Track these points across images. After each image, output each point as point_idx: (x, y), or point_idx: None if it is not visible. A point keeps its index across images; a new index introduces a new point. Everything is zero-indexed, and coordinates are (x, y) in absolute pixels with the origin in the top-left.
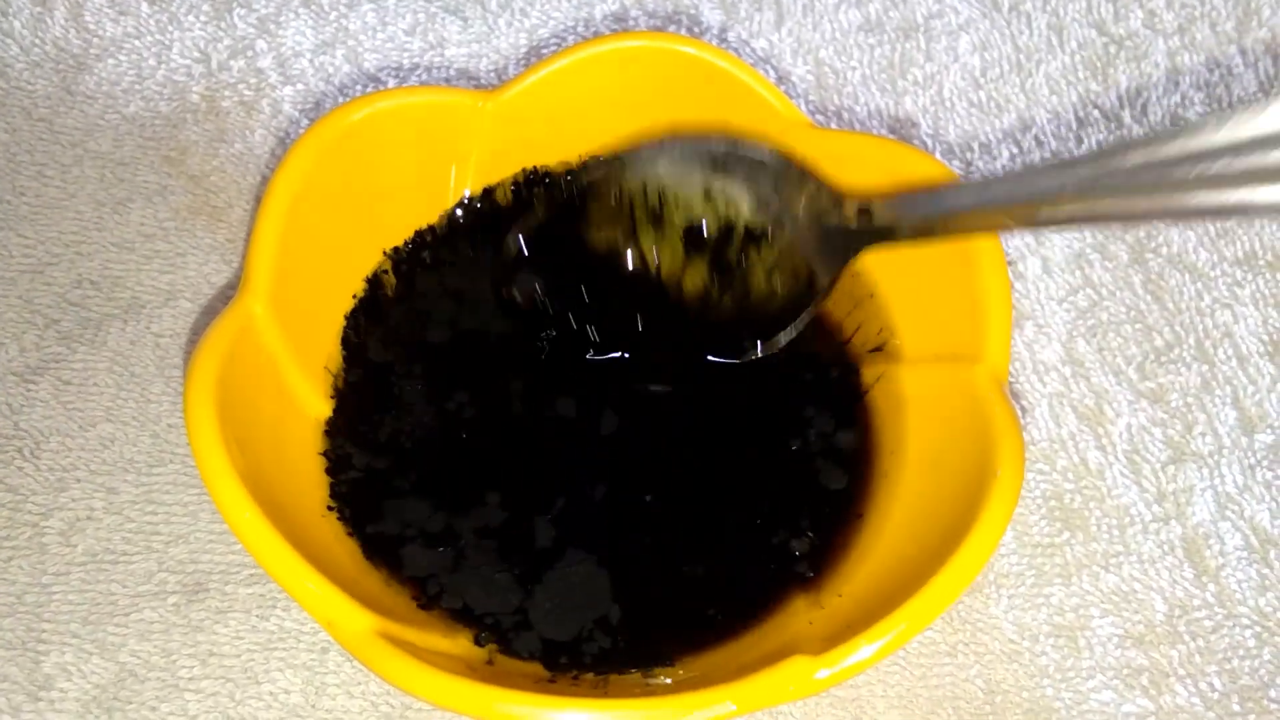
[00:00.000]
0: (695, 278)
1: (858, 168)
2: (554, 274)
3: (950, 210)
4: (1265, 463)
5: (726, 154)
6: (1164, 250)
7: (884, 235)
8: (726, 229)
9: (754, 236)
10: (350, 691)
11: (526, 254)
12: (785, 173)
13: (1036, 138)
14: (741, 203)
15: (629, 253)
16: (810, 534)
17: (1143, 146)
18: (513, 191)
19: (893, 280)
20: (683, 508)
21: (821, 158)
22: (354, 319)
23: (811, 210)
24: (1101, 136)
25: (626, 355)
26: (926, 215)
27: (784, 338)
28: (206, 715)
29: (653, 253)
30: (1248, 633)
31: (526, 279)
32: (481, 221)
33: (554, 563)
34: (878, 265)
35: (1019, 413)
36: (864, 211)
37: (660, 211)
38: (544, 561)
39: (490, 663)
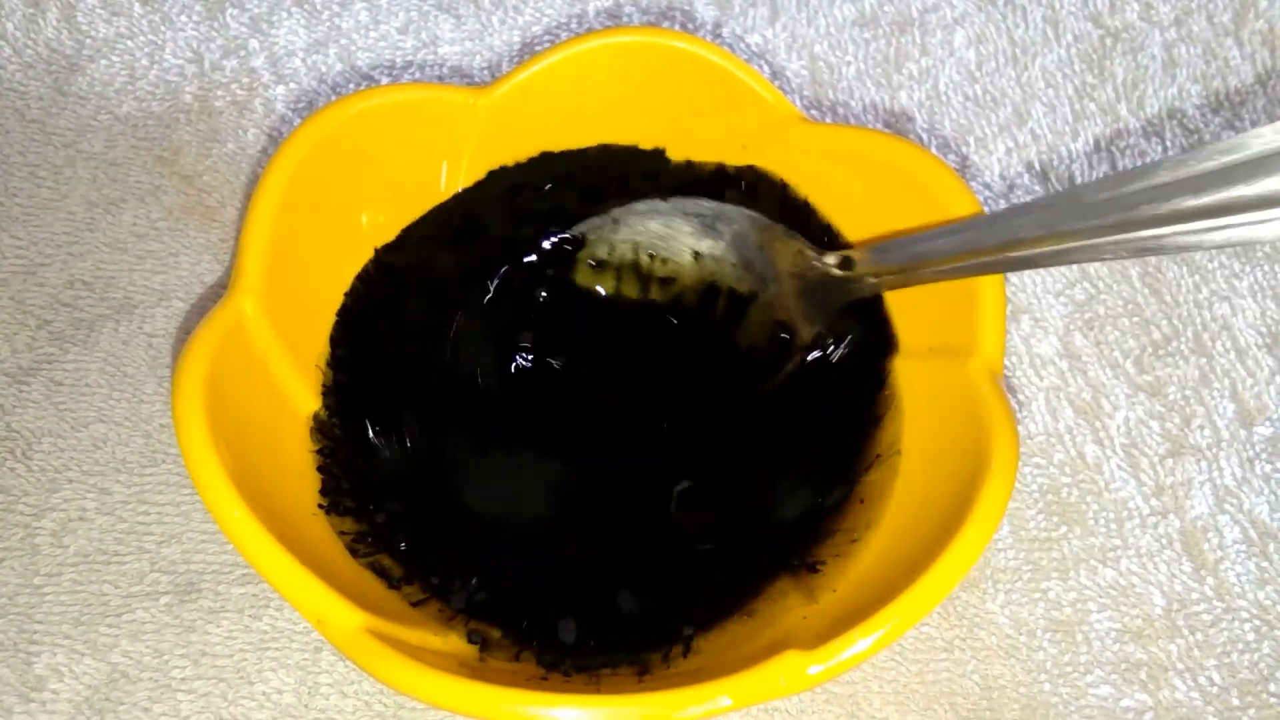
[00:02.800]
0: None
1: (852, 162)
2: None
3: (929, 255)
4: (1264, 455)
5: (714, 215)
6: None
7: (866, 285)
8: (712, 290)
9: (739, 297)
10: (344, 691)
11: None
12: (768, 232)
13: (1033, 131)
14: (727, 263)
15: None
16: (805, 529)
17: (1110, 186)
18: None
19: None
20: (677, 498)
21: (816, 153)
22: (345, 317)
23: (795, 268)
24: (1098, 130)
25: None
26: (906, 262)
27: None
28: (199, 716)
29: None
30: (1247, 626)
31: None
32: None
33: (547, 556)
34: None
35: (1015, 406)
36: (846, 262)
37: (649, 270)
38: (537, 555)
39: (482, 660)
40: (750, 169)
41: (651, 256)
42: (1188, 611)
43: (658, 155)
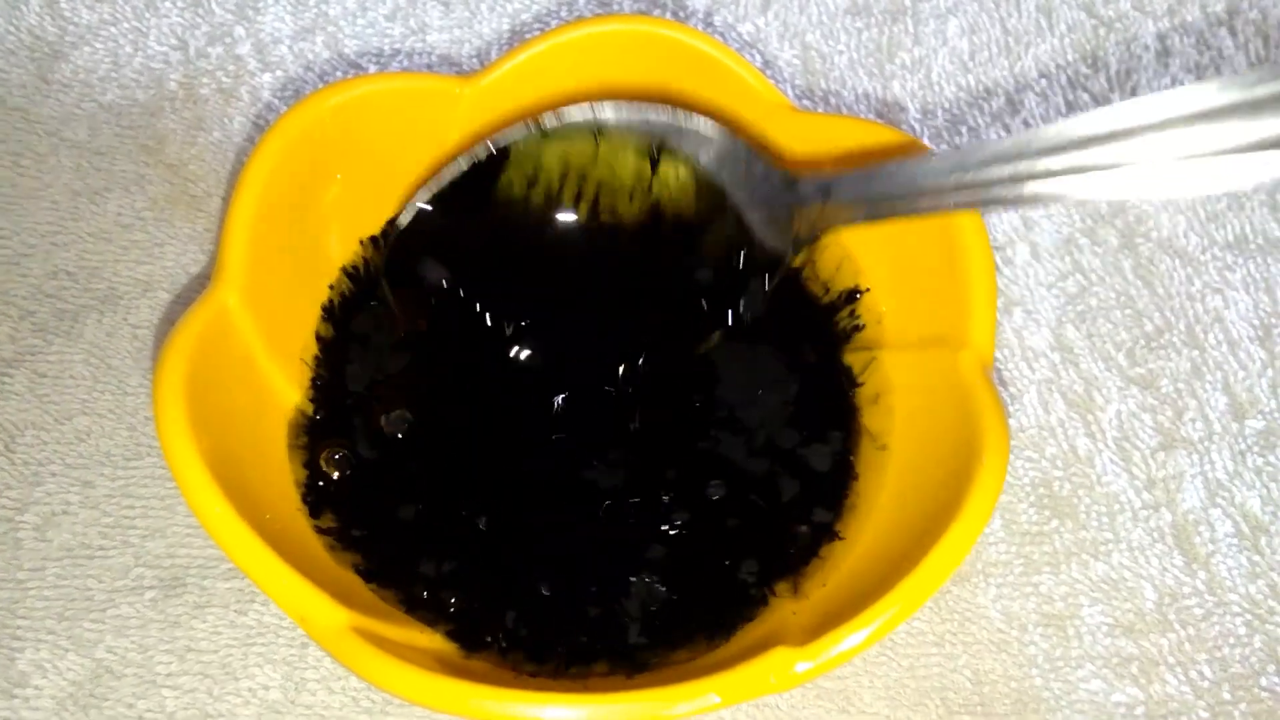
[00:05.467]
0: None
1: (845, 153)
2: (462, 257)
3: (917, 185)
4: (1256, 449)
5: (666, 127)
6: (1154, 234)
7: (843, 216)
8: (659, 213)
9: (690, 223)
10: (330, 687)
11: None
12: (730, 150)
13: (1026, 121)
14: (683, 183)
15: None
16: (795, 523)
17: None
18: None
19: (875, 264)
20: (663, 495)
21: (806, 142)
22: (330, 310)
23: (761, 194)
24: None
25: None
26: (891, 192)
27: (746, 310)
28: (184, 712)
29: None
30: (1238, 620)
31: (432, 267)
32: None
33: (534, 555)
34: (859, 247)
35: (1006, 399)
36: (822, 190)
37: (583, 194)
38: (523, 553)
39: (467, 658)
40: None
41: (585, 178)
42: (1179, 605)
43: None
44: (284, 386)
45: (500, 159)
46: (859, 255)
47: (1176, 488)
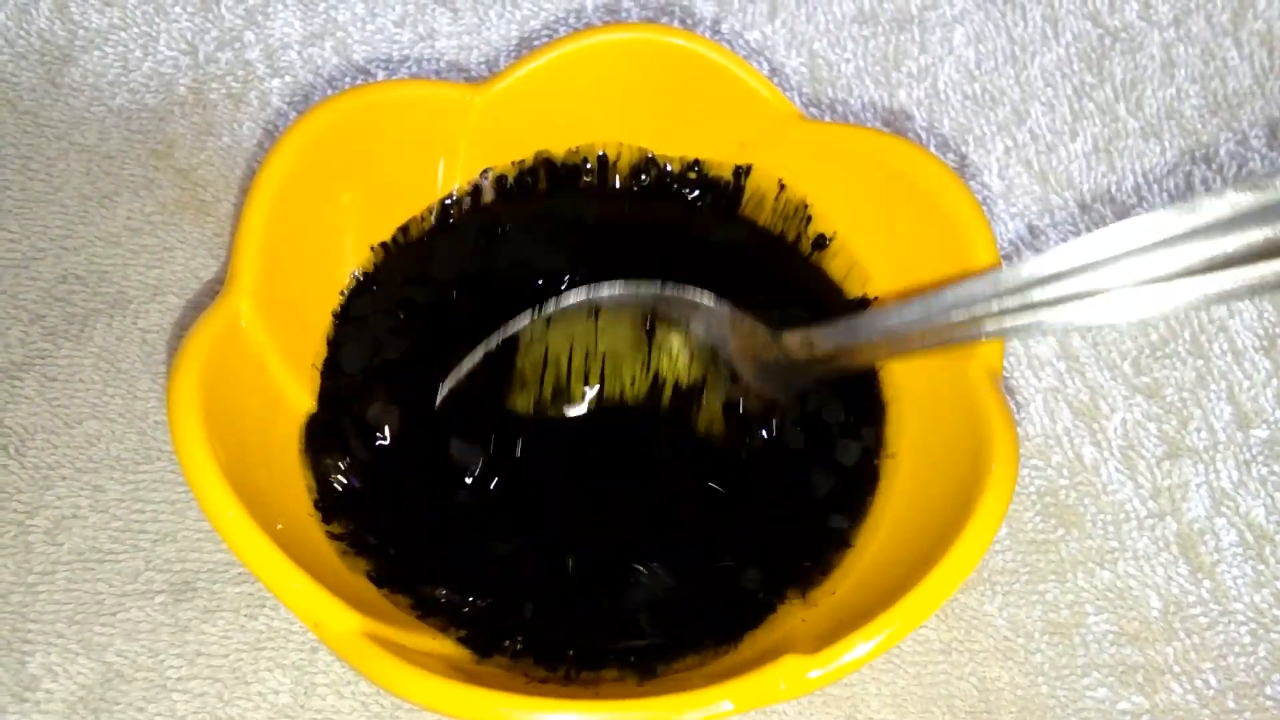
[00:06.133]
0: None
1: (851, 162)
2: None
3: (890, 332)
4: (1260, 458)
5: (657, 300)
6: None
7: (827, 365)
8: (660, 381)
9: (688, 388)
10: (340, 691)
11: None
12: (718, 315)
13: (1031, 131)
14: (677, 350)
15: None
16: (803, 534)
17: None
18: (499, 185)
19: (883, 272)
20: (678, 505)
21: (815, 152)
22: (342, 315)
23: (750, 349)
24: (1096, 130)
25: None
26: (866, 339)
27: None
28: (195, 716)
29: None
30: (1243, 629)
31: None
32: (469, 215)
33: (543, 560)
34: (867, 255)
35: (1013, 408)
36: (806, 344)
37: (588, 370)
38: (533, 559)
39: (479, 664)
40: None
41: (589, 354)
42: (1184, 614)
43: None
44: (296, 392)
45: (511, 346)
46: (867, 263)
47: (1182, 497)
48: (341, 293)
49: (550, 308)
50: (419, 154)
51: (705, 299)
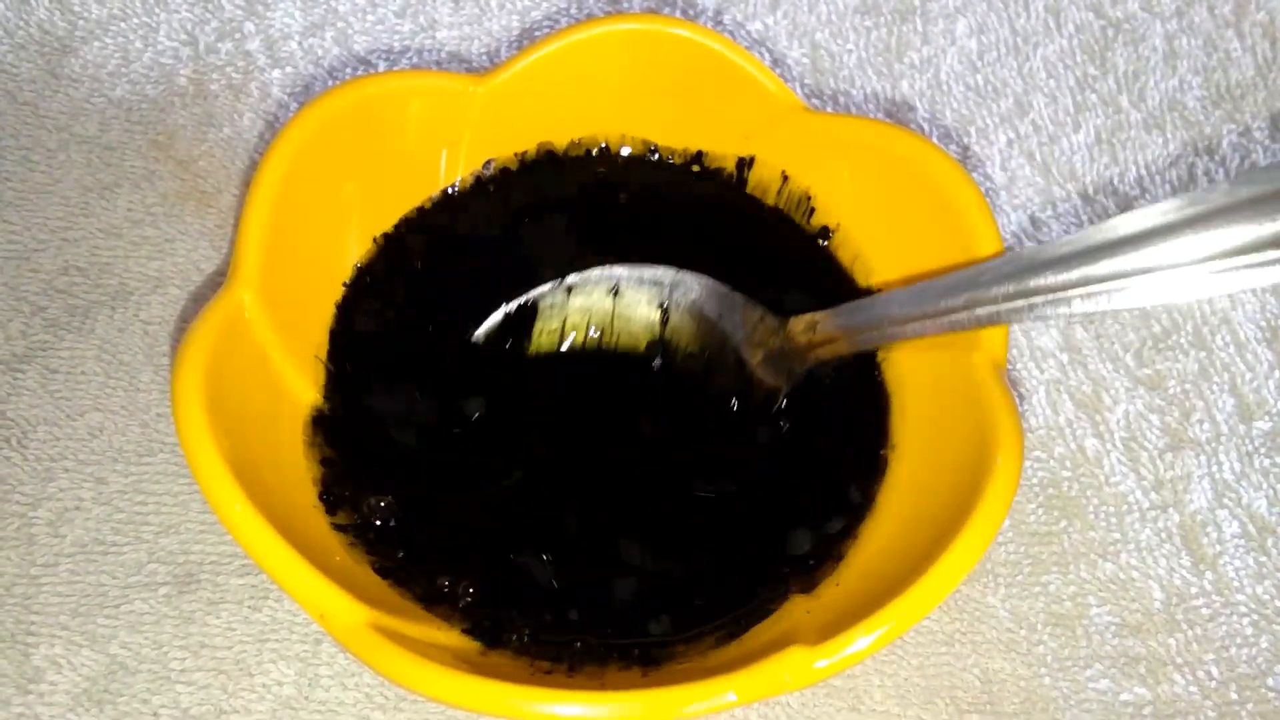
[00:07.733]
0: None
1: (854, 152)
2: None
3: (892, 316)
4: (1263, 450)
5: (672, 284)
6: None
7: (829, 348)
8: (669, 357)
9: (699, 363)
10: (344, 683)
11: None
12: (727, 300)
13: (1034, 122)
14: (683, 333)
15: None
16: (808, 526)
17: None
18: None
19: (887, 264)
20: (682, 497)
21: (816, 142)
22: (344, 307)
23: (756, 335)
24: (1099, 121)
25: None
26: (869, 323)
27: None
28: (199, 708)
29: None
30: (1245, 621)
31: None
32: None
33: (550, 550)
34: (871, 246)
35: (1017, 400)
36: (810, 328)
37: (603, 341)
38: (538, 550)
39: (485, 655)
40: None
41: (604, 328)
42: (1186, 606)
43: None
44: (299, 384)
45: (531, 310)
46: (871, 255)
47: (1184, 488)
48: (344, 284)
49: (573, 278)
50: (421, 145)
51: (719, 285)
